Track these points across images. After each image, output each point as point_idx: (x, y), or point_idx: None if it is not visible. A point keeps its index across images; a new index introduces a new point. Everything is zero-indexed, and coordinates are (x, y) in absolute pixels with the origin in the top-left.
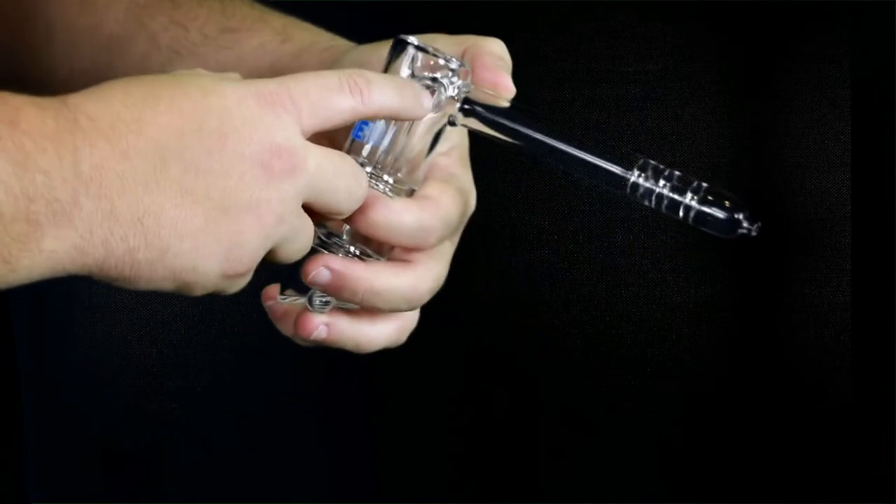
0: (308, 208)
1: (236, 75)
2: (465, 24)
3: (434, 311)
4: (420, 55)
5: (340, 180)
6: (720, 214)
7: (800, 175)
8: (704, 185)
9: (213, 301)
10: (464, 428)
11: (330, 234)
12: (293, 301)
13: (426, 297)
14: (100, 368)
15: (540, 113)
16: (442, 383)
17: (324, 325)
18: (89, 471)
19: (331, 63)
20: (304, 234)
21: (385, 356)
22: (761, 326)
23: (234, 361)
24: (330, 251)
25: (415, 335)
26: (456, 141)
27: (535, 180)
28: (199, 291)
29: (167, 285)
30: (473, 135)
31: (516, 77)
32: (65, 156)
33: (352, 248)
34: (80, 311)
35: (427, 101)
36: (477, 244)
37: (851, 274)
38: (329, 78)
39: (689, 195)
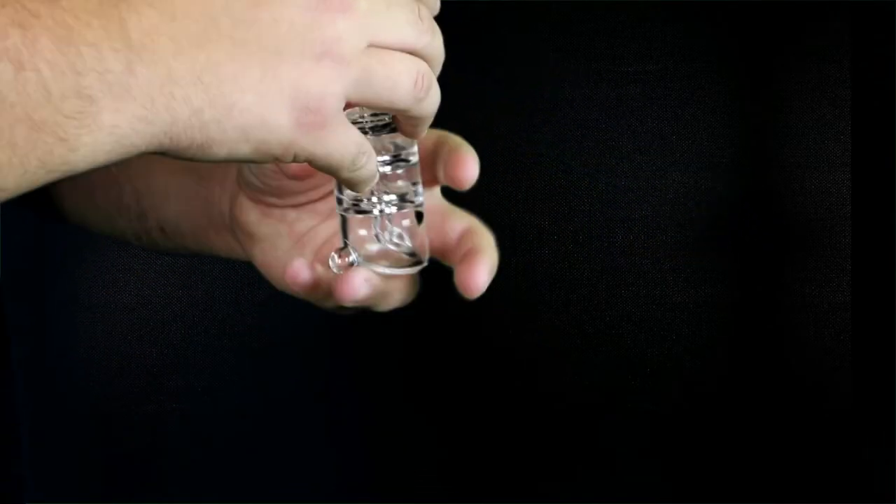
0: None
1: None
2: (465, 24)
3: (434, 311)
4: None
5: (398, 12)
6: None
7: (800, 175)
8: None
9: (214, 301)
10: (463, 428)
11: (358, 199)
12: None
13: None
14: (100, 368)
15: None
16: (441, 383)
17: (365, 282)
18: (89, 471)
19: None
20: (382, 70)
21: (385, 356)
22: (761, 326)
23: (234, 361)
24: (363, 212)
25: (415, 335)
26: None
27: (535, 180)
28: (278, 150)
29: (243, 148)
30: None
31: (516, 77)
32: (112, 28)
33: (384, 207)
34: (80, 311)
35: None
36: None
37: (851, 274)
38: None
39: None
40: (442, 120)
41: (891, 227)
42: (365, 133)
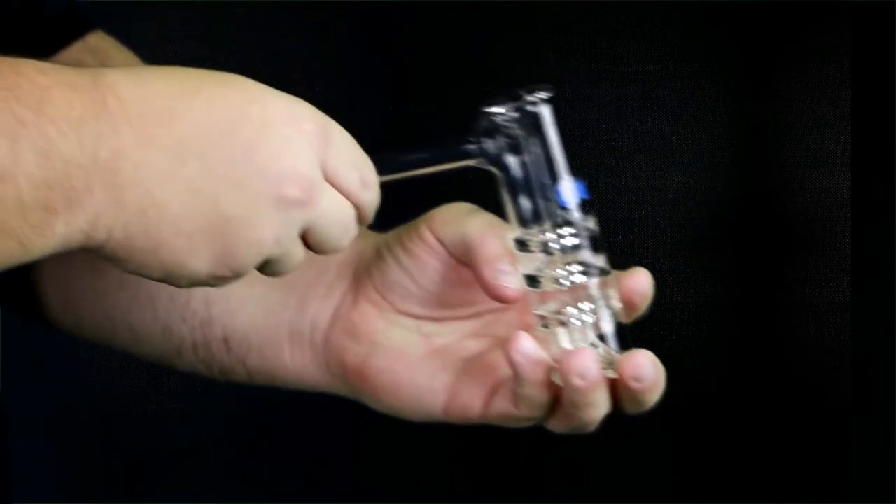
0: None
1: (282, 93)
2: (465, 25)
3: None
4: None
5: (337, 228)
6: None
7: (800, 175)
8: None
9: None
10: (463, 428)
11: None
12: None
13: None
14: (100, 368)
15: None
16: None
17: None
18: (89, 471)
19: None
20: (295, 258)
21: None
22: (761, 326)
23: None
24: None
25: None
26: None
27: None
28: (184, 285)
29: (155, 274)
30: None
31: (516, 77)
32: (86, 143)
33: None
34: None
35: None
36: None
37: (851, 274)
38: (358, 150)
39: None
40: (442, 120)
41: (891, 227)
42: (549, 254)
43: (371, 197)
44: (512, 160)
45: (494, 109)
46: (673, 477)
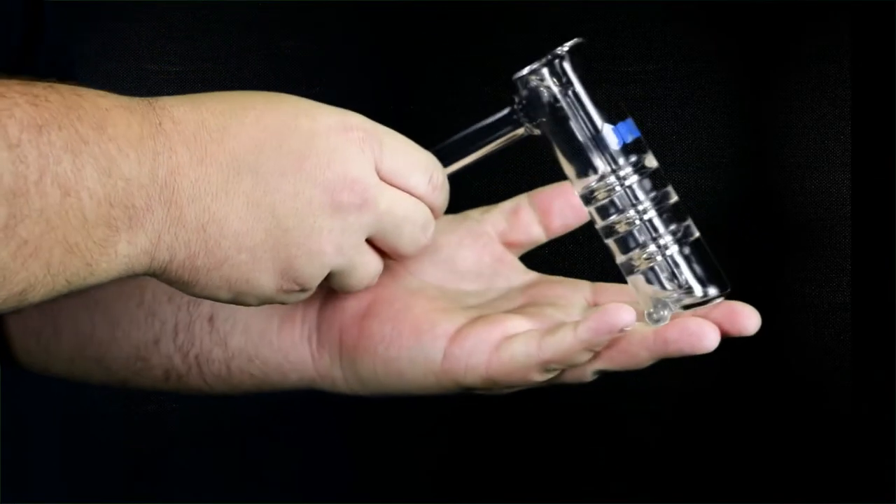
0: (374, 246)
1: (331, 106)
2: (465, 24)
3: None
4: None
5: (406, 226)
6: None
7: (800, 175)
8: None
9: None
10: (462, 428)
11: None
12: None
13: None
14: None
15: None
16: None
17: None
18: (89, 471)
19: None
20: (363, 268)
21: None
22: (761, 326)
23: None
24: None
25: None
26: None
27: (536, 180)
28: (253, 302)
29: (223, 294)
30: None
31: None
32: (144, 162)
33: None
34: None
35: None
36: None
37: (851, 274)
38: (419, 151)
39: None
40: (442, 120)
41: (891, 227)
42: (614, 201)
43: (442, 196)
44: (556, 118)
45: (525, 71)
46: (672, 477)
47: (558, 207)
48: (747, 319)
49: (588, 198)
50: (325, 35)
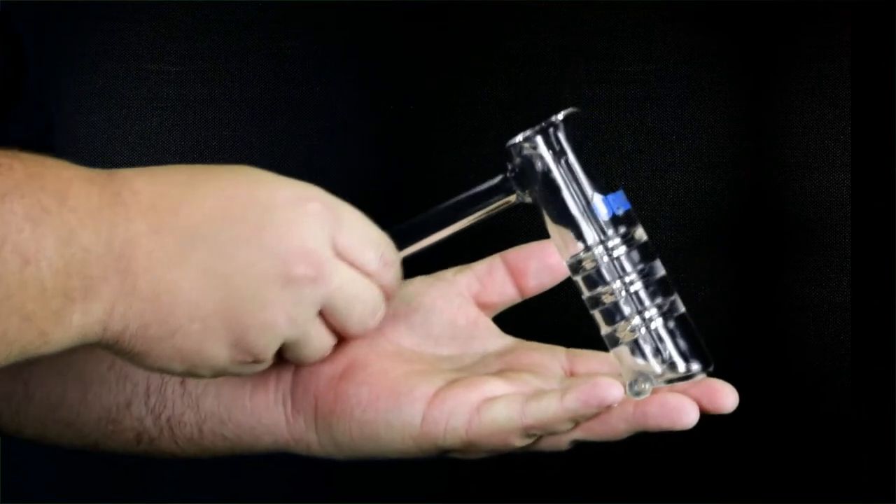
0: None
1: (290, 179)
2: (465, 24)
3: None
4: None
5: (357, 306)
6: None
7: (800, 175)
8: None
9: None
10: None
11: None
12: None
13: None
14: None
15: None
16: None
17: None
18: (89, 470)
19: None
20: (318, 340)
21: None
22: (761, 326)
23: None
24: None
25: None
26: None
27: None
28: (207, 374)
29: (176, 366)
30: (474, 132)
31: (515, 78)
32: (101, 231)
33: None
34: None
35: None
36: (477, 244)
37: (851, 274)
38: (374, 228)
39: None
40: (442, 120)
41: (891, 227)
42: (601, 273)
43: (392, 275)
44: (548, 187)
45: (519, 138)
46: (673, 476)
47: (534, 268)
48: (725, 398)
49: (576, 267)
50: (325, 35)
